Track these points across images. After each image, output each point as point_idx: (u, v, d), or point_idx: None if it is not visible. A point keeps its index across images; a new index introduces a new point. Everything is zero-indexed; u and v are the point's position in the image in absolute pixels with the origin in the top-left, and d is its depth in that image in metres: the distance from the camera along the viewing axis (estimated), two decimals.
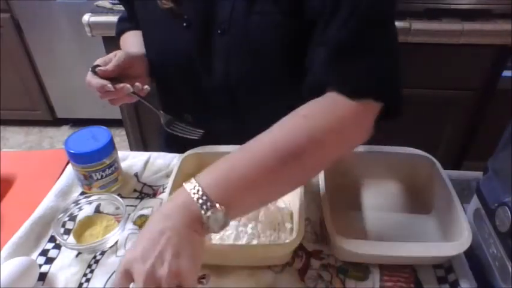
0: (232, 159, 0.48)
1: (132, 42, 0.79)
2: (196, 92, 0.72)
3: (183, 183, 0.45)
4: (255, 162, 0.47)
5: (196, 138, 0.71)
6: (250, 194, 0.47)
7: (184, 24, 0.66)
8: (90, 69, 0.66)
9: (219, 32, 0.65)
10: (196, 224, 0.44)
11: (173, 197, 0.46)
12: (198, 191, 0.44)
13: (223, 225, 0.44)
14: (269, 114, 0.50)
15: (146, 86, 0.68)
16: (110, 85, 0.63)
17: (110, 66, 0.65)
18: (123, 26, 0.85)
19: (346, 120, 0.51)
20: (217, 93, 0.71)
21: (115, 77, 0.66)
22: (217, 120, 0.74)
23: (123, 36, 0.84)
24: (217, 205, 0.43)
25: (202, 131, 0.71)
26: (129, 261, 0.42)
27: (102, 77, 0.65)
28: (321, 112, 0.51)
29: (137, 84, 0.66)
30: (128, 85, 0.65)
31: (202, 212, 0.43)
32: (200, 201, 0.43)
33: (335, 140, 0.51)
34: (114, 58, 0.67)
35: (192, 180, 0.45)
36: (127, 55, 0.68)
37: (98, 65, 0.66)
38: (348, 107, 0.51)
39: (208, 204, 0.43)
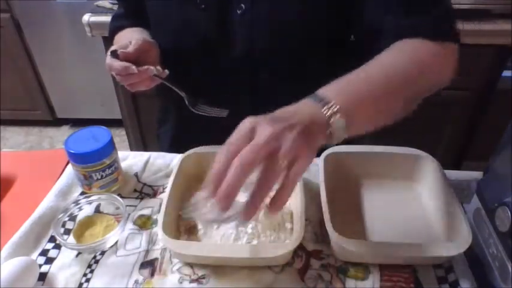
0: (357, 79, 0.51)
1: (132, 36, 0.78)
2: (214, 74, 0.72)
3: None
4: (379, 83, 0.51)
5: (224, 116, 0.71)
6: (369, 108, 0.50)
7: (203, 6, 0.66)
8: (109, 53, 0.65)
9: (238, 12, 0.65)
10: (320, 127, 0.44)
11: (296, 104, 0.46)
12: (322, 99, 0.46)
13: (342, 135, 0.46)
14: (286, 99, 0.49)
15: (166, 70, 0.68)
16: (134, 67, 0.63)
17: (131, 49, 0.65)
18: (119, 23, 0.83)
19: (435, 60, 0.57)
20: (236, 74, 0.71)
21: (133, 61, 0.65)
22: (234, 103, 0.73)
23: (119, 33, 0.83)
24: (339, 114, 0.45)
25: (227, 110, 0.71)
26: (257, 120, 0.41)
27: (122, 60, 0.64)
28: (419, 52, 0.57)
29: (158, 67, 0.67)
30: (152, 67, 0.65)
31: (327, 115, 0.44)
32: (323, 105, 0.45)
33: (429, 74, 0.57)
34: (131, 43, 0.66)
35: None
36: (144, 39, 0.68)
37: (116, 50, 0.65)
38: (433, 49, 0.57)
39: (332, 107, 0.45)
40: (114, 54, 0.65)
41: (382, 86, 0.52)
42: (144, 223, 0.63)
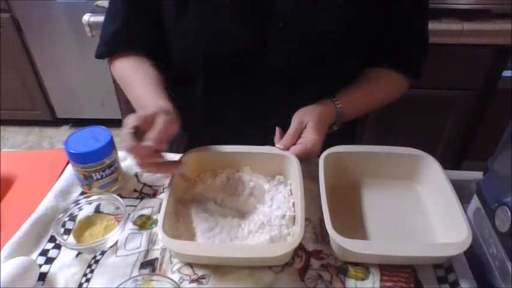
0: (361, 94, 0.77)
1: (147, 94, 0.67)
2: (246, 88, 0.71)
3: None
4: (369, 99, 0.79)
5: None
6: (357, 112, 0.78)
7: (239, 20, 0.65)
8: (131, 132, 0.53)
9: (280, 25, 0.65)
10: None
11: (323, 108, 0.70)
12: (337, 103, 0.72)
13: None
14: (306, 103, 0.70)
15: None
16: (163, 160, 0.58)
17: (163, 141, 0.54)
18: (118, 44, 0.74)
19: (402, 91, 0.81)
20: (269, 88, 0.70)
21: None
22: (263, 116, 0.73)
23: (125, 67, 0.73)
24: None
25: None
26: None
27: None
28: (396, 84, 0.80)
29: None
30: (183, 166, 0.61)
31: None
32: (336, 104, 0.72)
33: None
34: (159, 122, 0.54)
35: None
36: (172, 115, 0.57)
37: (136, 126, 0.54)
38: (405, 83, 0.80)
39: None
40: (136, 133, 0.53)
41: (367, 105, 0.80)
42: (144, 223, 0.63)
